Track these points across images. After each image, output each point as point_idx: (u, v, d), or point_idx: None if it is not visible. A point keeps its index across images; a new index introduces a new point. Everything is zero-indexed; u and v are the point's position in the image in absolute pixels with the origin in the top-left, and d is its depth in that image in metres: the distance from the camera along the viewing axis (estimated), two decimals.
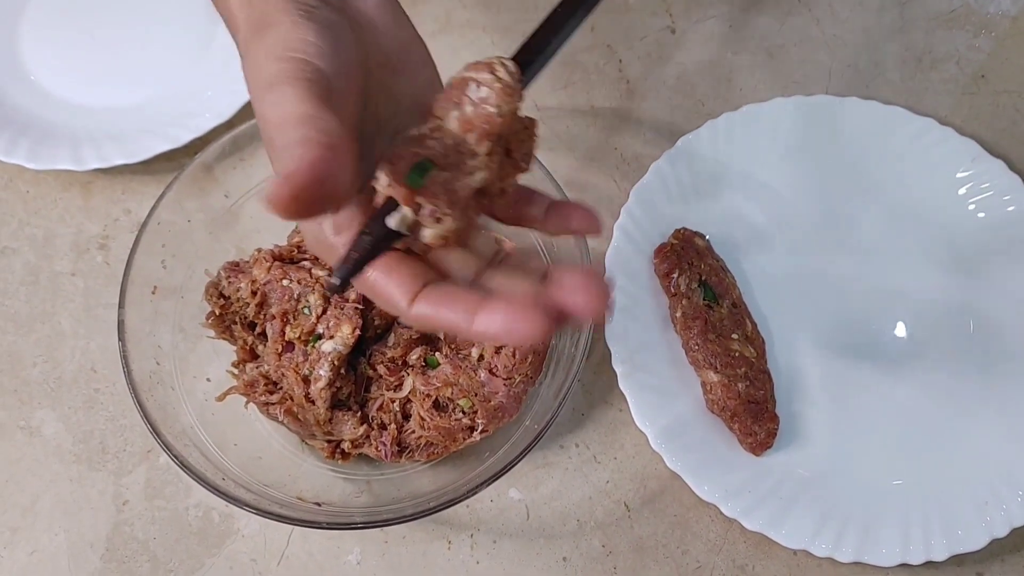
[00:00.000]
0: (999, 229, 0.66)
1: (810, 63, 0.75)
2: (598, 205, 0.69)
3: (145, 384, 0.54)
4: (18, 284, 0.68)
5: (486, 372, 0.55)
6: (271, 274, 0.57)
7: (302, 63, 0.35)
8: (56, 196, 0.71)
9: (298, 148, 0.32)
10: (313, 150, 0.32)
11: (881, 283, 0.66)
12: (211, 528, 0.60)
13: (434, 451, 0.56)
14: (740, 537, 0.60)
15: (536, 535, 0.60)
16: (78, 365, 0.65)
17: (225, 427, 0.57)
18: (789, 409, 0.62)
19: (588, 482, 0.61)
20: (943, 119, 0.70)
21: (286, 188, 0.31)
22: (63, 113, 0.73)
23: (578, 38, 0.75)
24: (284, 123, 0.33)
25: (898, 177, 0.68)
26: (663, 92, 0.74)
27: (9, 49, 0.77)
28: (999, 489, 0.58)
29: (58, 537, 0.60)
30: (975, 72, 0.75)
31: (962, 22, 0.77)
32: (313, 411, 0.55)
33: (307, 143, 0.32)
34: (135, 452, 0.62)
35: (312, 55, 0.35)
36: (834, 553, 0.56)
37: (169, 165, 0.71)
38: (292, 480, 0.56)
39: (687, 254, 0.63)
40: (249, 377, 0.57)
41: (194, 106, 0.72)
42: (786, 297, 0.65)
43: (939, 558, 0.56)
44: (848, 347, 0.64)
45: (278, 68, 0.35)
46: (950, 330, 0.64)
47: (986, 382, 0.62)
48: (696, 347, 0.61)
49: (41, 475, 0.62)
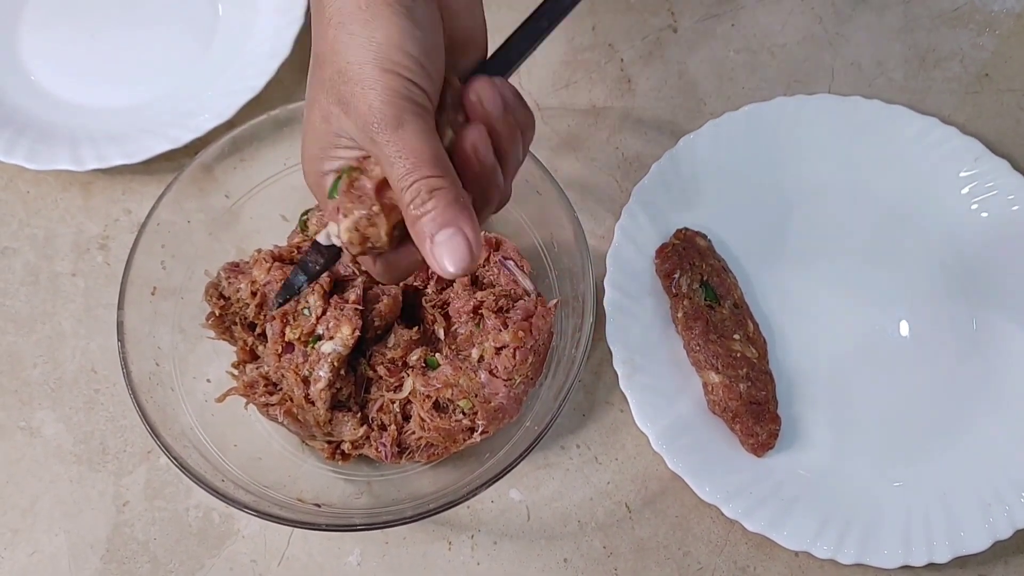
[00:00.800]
0: (1002, 229, 0.65)
1: (812, 62, 0.75)
2: (599, 205, 0.69)
3: (144, 385, 0.54)
4: (18, 284, 0.68)
5: (486, 373, 0.55)
6: (271, 275, 0.57)
7: (410, 86, 0.38)
8: (56, 196, 0.71)
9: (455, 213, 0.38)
10: (467, 219, 0.38)
11: (884, 283, 0.65)
12: (211, 529, 0.60)
13: (434, 452, 0.56)
14: (741, 538, 0.59)
15: (537, 536, 0.60)
16: (78, 366, 0.65)
17: (225, 428, 0.57)
18: (791, 410, 0.61)
19: (589, 483, 0.61)
20: (946, 118, 0.69)
21: (473, 259, 0.38)
22: (63, 113, 0.73)
23: (580, 37, 0.76)
24: (421, 160, 0.38)
25: (901, 177, 0.68)
26: (665, 91, 0.74)
27: (9, 49, 0.76)
28: (1002, 490, 0.58)
29: (58, 538, 0.60)
30: (979, 71, 0.75)
31: (966, 20, 0.77)
32: (313, 412, 0.55)
33: (463, 211, 0.38)
34: (135, 453, 0.62)
35: (417, 75, 0.38)
36: (836, 555, 0.56)
37: (169, 165, 0.71)
38: (292, 481, 0.56)
39: (688, 254, 0.63)
40: (249, 378, 0.56)
41: (194, 106, 0.72)
42: (788, 297, 0.65)
43: (942, 560, 0.56)
44: (851, 347, 0.64)
45: (385, 84, 0.38)
46: (953, 330, 0.64)
47: (989, 383, 0.62)
48: (697, 348, 0.61)
49: (41, 476, 0.62)
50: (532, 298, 0.57)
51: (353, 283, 0.57)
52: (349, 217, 0.40)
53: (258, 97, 0.69)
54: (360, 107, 0.38)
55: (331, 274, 0.57)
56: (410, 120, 0.38)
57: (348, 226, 0.41)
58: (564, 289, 0.59)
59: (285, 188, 0.62)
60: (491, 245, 0.60)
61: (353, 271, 0.58)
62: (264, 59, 0.72)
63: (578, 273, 0.57)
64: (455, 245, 0.38)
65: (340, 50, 0.39)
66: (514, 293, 0.58)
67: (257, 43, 0.74)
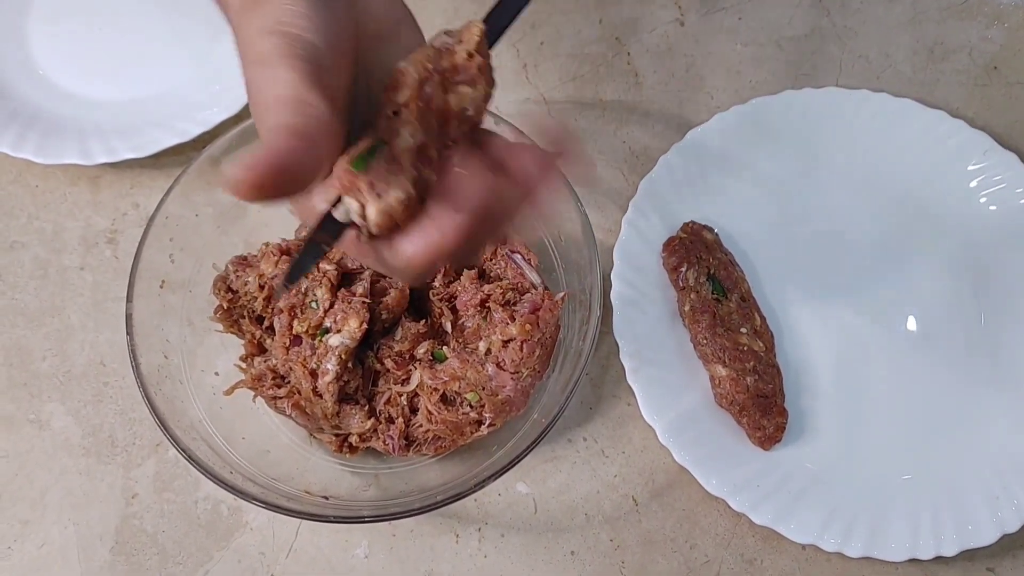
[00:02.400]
0: (1011, 222, 0.65)
1: (820, 55, 0.75)
2: (606, 199, 0.69)
3: (153, 378, 0.54)
4: (27, 278, 0.68)
5: (493, 366, 0.55)
6: (279, 268, 0.57)
7: (294, 38, 0.35)
8: (65, 190, 0.71)
9: (272, 136, 0.32)
10: (283, 140, 0.32)
11: (891, 277, 0.65)
12: (219, 521, 0.60)
13: (441, 445, 0.56)
14: (748, 531, 0.59)
15: (544, 529, 0.60)
16: (87, 359, 0.65)
17: (233, 421, 0.57)
18: (798, 403, 0.61)
19: (596, 476, 0.61)
20: (955, 111, 0.69)
21: (249, 175, 0.31)
22: (71, 107, 0.73)
23: (586, 30, 0.76)
24: (271, 105, 0.33)
25: (909, 170, 0.68)
26: (672, 85, 0.74)
27: (17, 43, 0.77)
28: (1010, 483, 0.57)
29: (67, 530, 0.61)
30: (987, 63, 0.74)
31: (974, 13, 0.76)
32: (321, 405, 0.55)
33: (281, 131, 0.32)
34: (144, 445, 0.63)
35: (304, 28, 0.35)
36: (843, 548, 0.56)
37: (177, 159, 0.71)
38: (300, 474, 0.56)
39: (696, 248, 0.63)
40: (257, 371, 0.57)
41: (202, 100, 0.72)
42: (796, 291, 0.65)
43: (949, 553, 0.56)
44: (858, 341, 0.63)
45: (270, 44, 0.34)
46: (961, 324, 0.64)
47: (997, 376, 0.62)
48: (704, 341, 0.61)
49: (51, 468, 0.62)
50: (539, 291, 0.57)
51: (360, 276, 0.57)
52: (384, 198, 0.35)
53: None
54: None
55: (339, 267, 0.57)
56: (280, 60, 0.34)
57: (383, 208, 0.36)
58: (571, 282, 0.59)
59: None
60: (498, 239, 0.60)
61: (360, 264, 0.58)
62: None
63: (585, 266, 0.57)
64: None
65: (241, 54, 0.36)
66: (521, 286, 0.58)
67: None
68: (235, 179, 0.31)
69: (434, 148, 0.38)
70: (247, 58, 0.35)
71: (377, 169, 0.36)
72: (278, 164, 0.32)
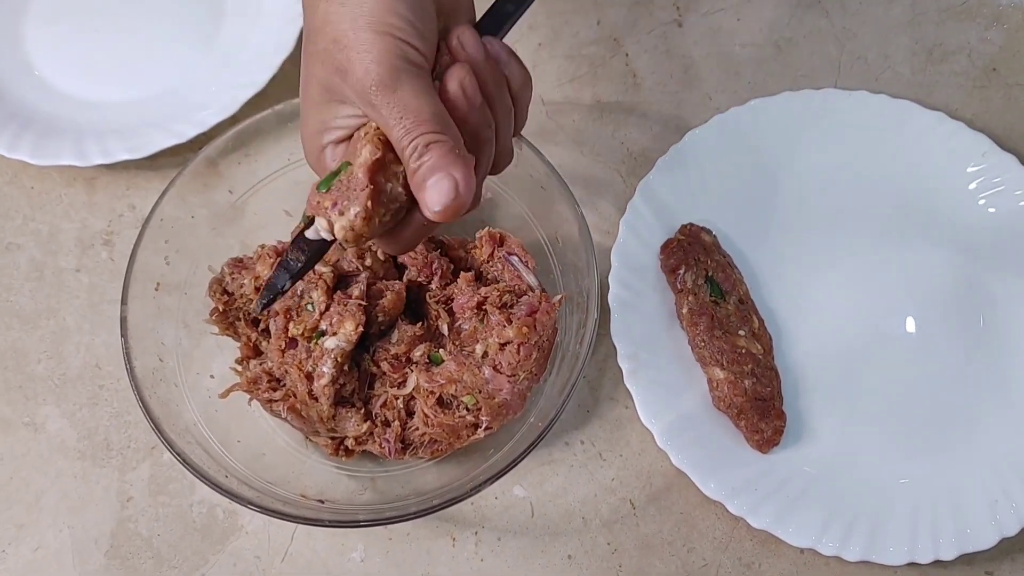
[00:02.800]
0: (1010, 224, 0.65)
1: (819, 56, 0.75)
2: (604, 200, 0.69)
3: (148, 381, 0.54)
4: (23, 280, 0.68)
5: (490, 369, 0.55)
6: None
7: (404, 47, 0.39)
8: (60, 192, 0.71)
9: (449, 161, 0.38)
10: (460, 166, 0.39)
11: (890, 279, 0.65)
12: (215, 525, 0.60)
13: (438, 448, 0.56)
14: (746, 535, 0.59)
15: (541, 532, 0.60)
16: (82, 361, 0.65)
17: (228, 424, 0.57)
18: (796, 406, 0.61)
19: (593, 479, 0.61)
20: (954, 113, 0.69)
21: (459, 200, 0.39)
22: (67, 108, 0.73)
23: (584, 31, 0.75)
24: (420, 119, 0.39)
25: (908, 172, 0.67)
26: (670, 86, 0.74)
27: (13, 44, 0.76)
28: (1009, 487, 0.57)
29: (62, 533, 0.60)
30: (987, 65, 0.74)
31: (973, 14, 0.76)
32: (316, 408, 0.55)
33: (456, 159, 0.39)
34: (139, 449, 0.62)
35: (410, 35, 0.39)
36: (841, 552, 0.56)
37: (173, 160, 0.70)
38: (296, 477, 0.56)
39: (694, 250, 0.63)
40: (252, 374, 0.56)
41: (198, 101, 0.72)
42: (794, 293, 0.65)
43: (948, 557, 0.55)
44: (857, 343, 0.63)
45: (381, 46, 0.38)
46: (960, 326, 0.63)
47: (996, 379, 0.62)
48: (702, 343, 0.60)
49: (46, 471, 0.62)
50: (536, 294, 0.57)
51: (356, 279, 0.57)
52: (345, 215, 0.40)
53: (262, 92, 0.69)
54: (357, 71, 0.39)
55: (335, 270, 0.57)
56: (407, 80, 0.39)
57: (344, 224, 0.41)
58: (568, 285, 0.59)
59: (289, 183, 0.62)
60: (495, 241, 0.59)
61: (357, 267, 0.58)
62: (268, 54, 0.71)
63: (582, 268, 0.57)
64: (442, 187, 0.38)
65: (332, 20, 0.39)
66: (518, 289, 0.58)
67: (261, 38, 0.74)
68: (449, 209, 0.39)
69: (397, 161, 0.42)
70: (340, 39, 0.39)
71: (339, 188, 0.41)
72: (468, 188, 0.39)
